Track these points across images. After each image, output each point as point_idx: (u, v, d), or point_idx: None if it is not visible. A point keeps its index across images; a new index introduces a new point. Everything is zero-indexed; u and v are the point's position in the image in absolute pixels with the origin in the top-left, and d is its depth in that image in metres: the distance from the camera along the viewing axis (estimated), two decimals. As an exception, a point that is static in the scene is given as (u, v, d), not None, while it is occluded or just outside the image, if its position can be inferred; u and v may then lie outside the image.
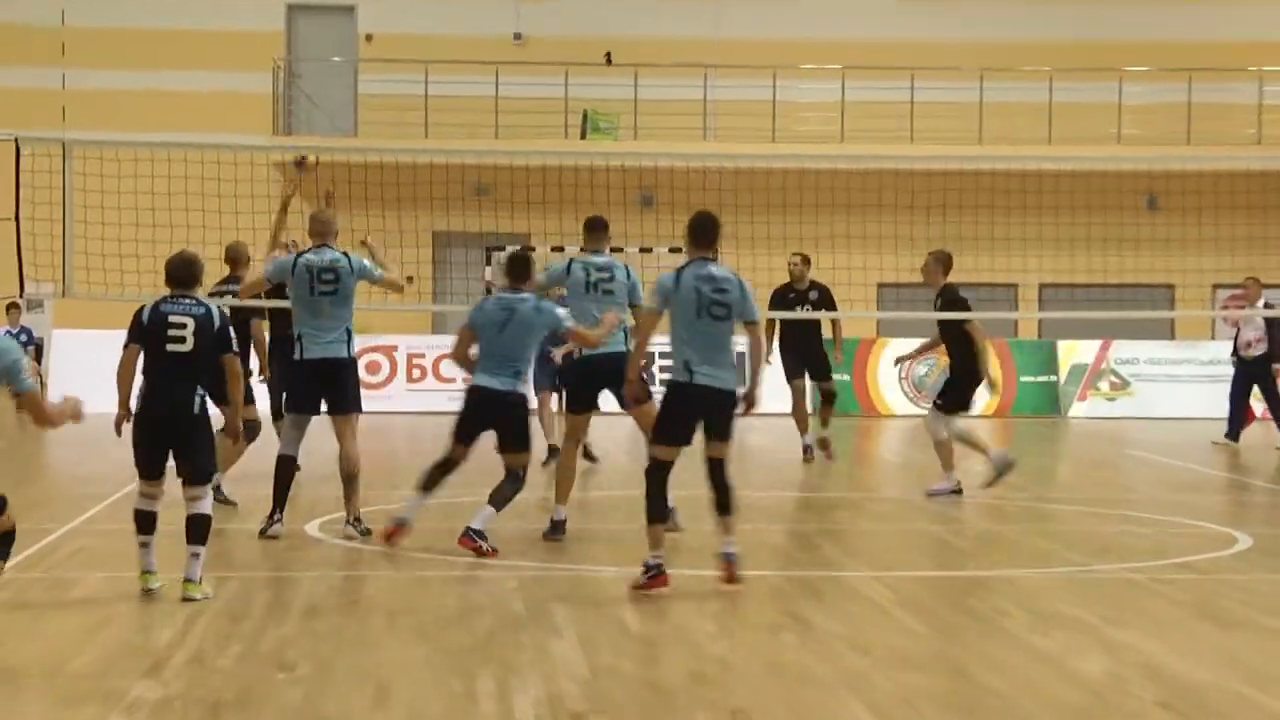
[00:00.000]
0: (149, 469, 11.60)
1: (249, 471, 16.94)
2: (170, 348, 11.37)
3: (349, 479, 14.59)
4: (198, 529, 11.35)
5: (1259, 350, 24.55)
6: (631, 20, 34.54)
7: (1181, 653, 10.35)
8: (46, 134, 18.53)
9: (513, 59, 34.15)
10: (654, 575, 11.98)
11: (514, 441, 14.17)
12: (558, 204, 31.29)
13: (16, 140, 16.43)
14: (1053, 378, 31.71)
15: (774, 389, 28.10)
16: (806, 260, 22.72)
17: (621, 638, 10.74)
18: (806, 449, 21.86)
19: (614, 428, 21.35)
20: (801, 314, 21.94)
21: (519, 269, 14.28)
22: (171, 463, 11.63)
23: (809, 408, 22.30)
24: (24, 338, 29.74)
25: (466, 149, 31.79)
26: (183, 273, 11.68)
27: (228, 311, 12.79)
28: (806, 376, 22.20)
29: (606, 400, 15.11)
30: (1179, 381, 28.49)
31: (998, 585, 13.21)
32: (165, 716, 8.58)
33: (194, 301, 11.55)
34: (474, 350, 14.03)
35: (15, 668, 9.65)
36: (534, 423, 15.11)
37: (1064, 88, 34.04)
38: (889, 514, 18.09)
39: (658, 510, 12.28)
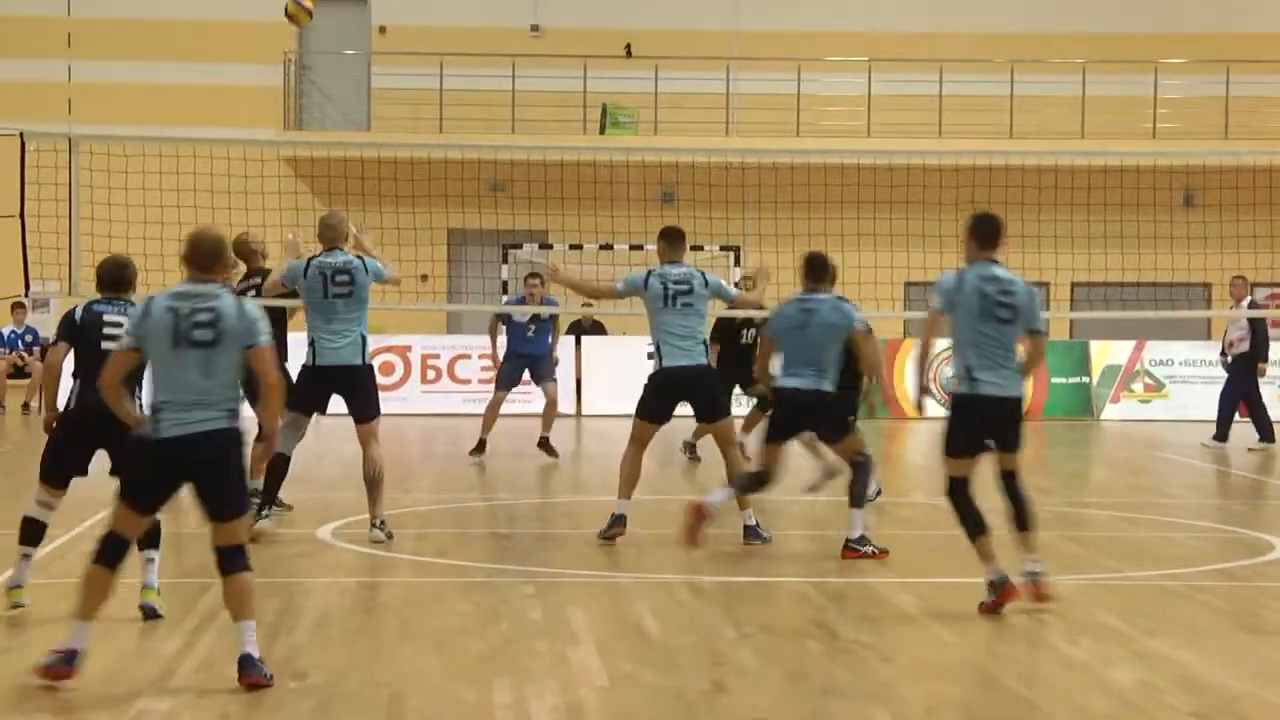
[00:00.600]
0: (59, 473, 11.41)
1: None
2: (105, 345, 11.06)
3: (373, 483, 14.58)
4: (149, 532, 10.92)
5: (1241, 349, 24.81)
6: (651, 11, 34.57)
7: (1217, 662, 10.35)
8: (52, 128, 18.60)
9: (530, 51, 34.18)
10: (1002, 589, 11.73)
11: (836, 435, 14.47)
12: (576, 201, 31.38)
13: (21, 134, 16.46)
14: (1085, 379, 31.67)
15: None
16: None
17: (641, 646, 10.74)
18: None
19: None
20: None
21: (819, 269, 14.23)
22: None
23: None
24: (29, 337, 29.81)
25: (482, 144, 31.75)
26: (114, 276, 11.56)
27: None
28: None
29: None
30: (1215, 383, 28.31)
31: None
32: (174, 729, 8.65)
33: (128, 303, 11.29)
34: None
35: (20, 677, 9.67)
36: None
37: (1097, 81, 34.01)
38: (917, 519, 18.11)
39: (974, 526, 12.10)
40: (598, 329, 31.25)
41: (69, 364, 11.73)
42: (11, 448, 24.24)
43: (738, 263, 33.63)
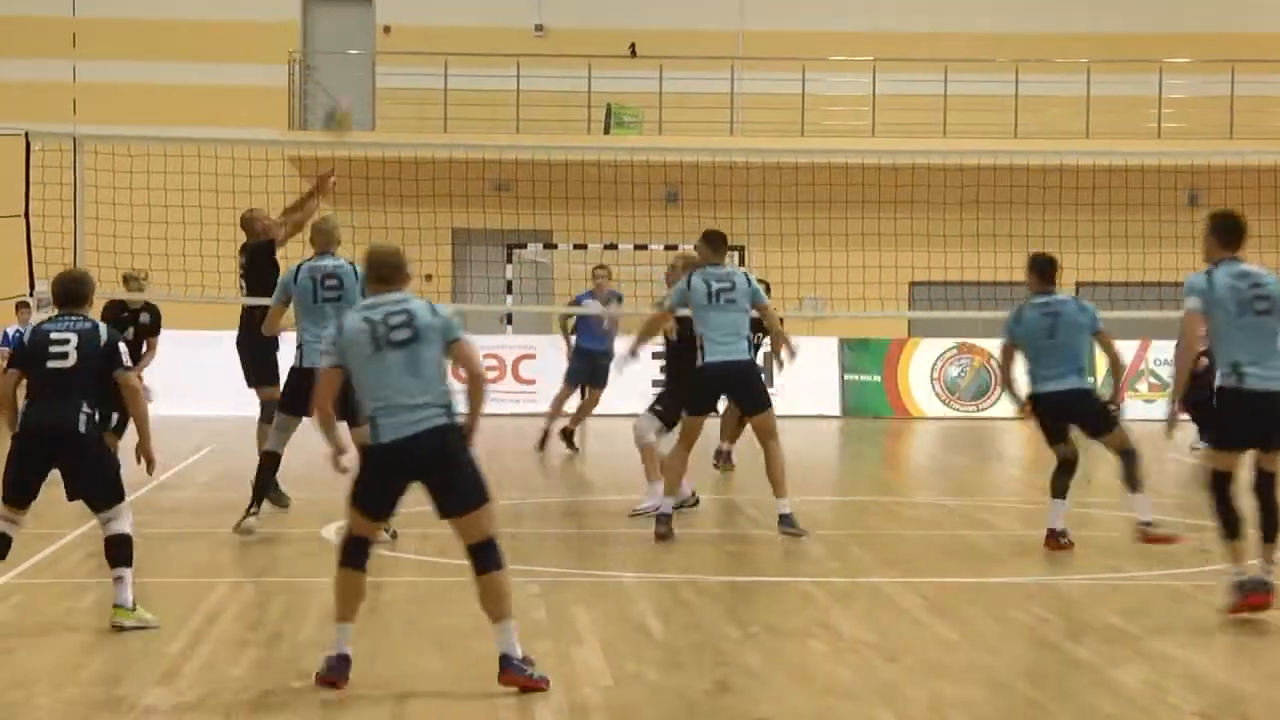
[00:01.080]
0: (15, 495, 11.09)
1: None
2: (51, 364, 10.92)
3: None
4: (119, 550, 10.84)
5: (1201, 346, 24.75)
6: (656, 11, 34.60)
7: (1224, 663, 10.38)
8: (57, 128, 18.63)
9: (534, 51, 34.21)
10: (1251, 592, 11.39)
11: (1105, 427, 14.58)
12: (580, 200, 31.42)
13: (27, 134, 16.48)
14: (1090, 379, 31.66)
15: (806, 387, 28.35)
16: None
17: (645, 645, 10.77)
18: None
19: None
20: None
21: (1050, 271, 14.33)
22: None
23: None
24: (34, 337, 29.83)
25: (487, 144, 31.81)
26: (69, 291, 11.36)
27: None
28: None
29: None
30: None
31: (1034, 592, 13.21)
32: (180, 722, 8.67)
33: (80, 318, 11.15)
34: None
35: (26, 676, 9.70)
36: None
37: (1101, 80, 34.02)
38: (922, 518, 18.01)
39: (1229, 525, 11.71)
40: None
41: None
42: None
43: (742, 262, 33.68)
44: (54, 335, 10.93)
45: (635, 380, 28.35)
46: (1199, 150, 32.79)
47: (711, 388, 14.87)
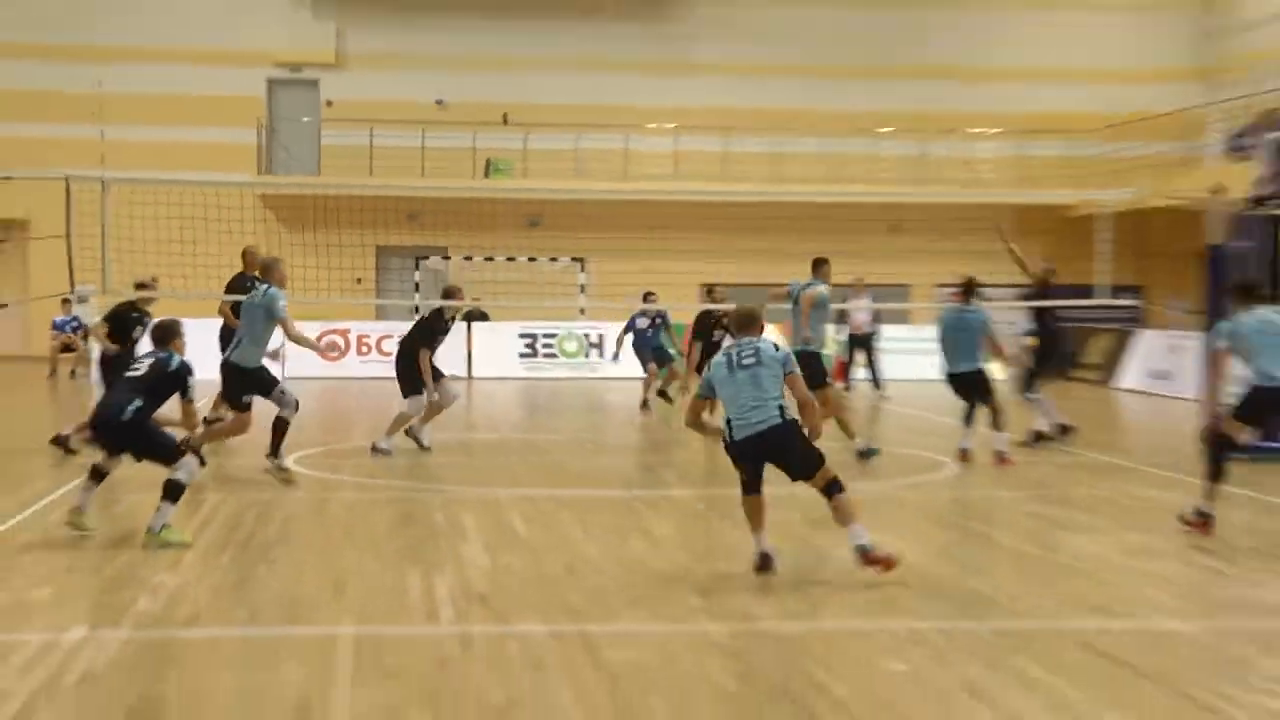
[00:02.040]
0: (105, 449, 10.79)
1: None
2: (127, 373, 10.91)
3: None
4: (170, 488, 10.33)
5: (869, 329, 25.74)
6: (523, 90, 34.48)
7: (912, 546, 10.63)
8: (89, 173, 18.34)
9: (435, 119, 34.05)
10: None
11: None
12: (469, 226, 31.47)
13: (67, 179, 16.32)
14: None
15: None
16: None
17: (514, 542, 10.78)
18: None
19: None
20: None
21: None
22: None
23: None
24: (74, 323, 29.44)
25: (401, 185, 31.65)
26: (165, 334, 11.10)
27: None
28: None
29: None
30: (915, 355, 28.64)
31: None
32: (181, 598, 8.66)
33: (165, 352, 10.88)
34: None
35: (71, 564, 9.71)
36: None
37: (831, 142, 34.30)
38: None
39: (1215, 471, 10.99)
40: (483, 317, 31.20)
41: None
42: (63, 404, 23.94)
43: (583, 270, 33.87)
44: (141, 360, 10.95)
45: (504, 352, 28.17)
46: (900, 191, 33.26)
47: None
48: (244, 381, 13.89)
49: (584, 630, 7.91)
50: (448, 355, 27.28)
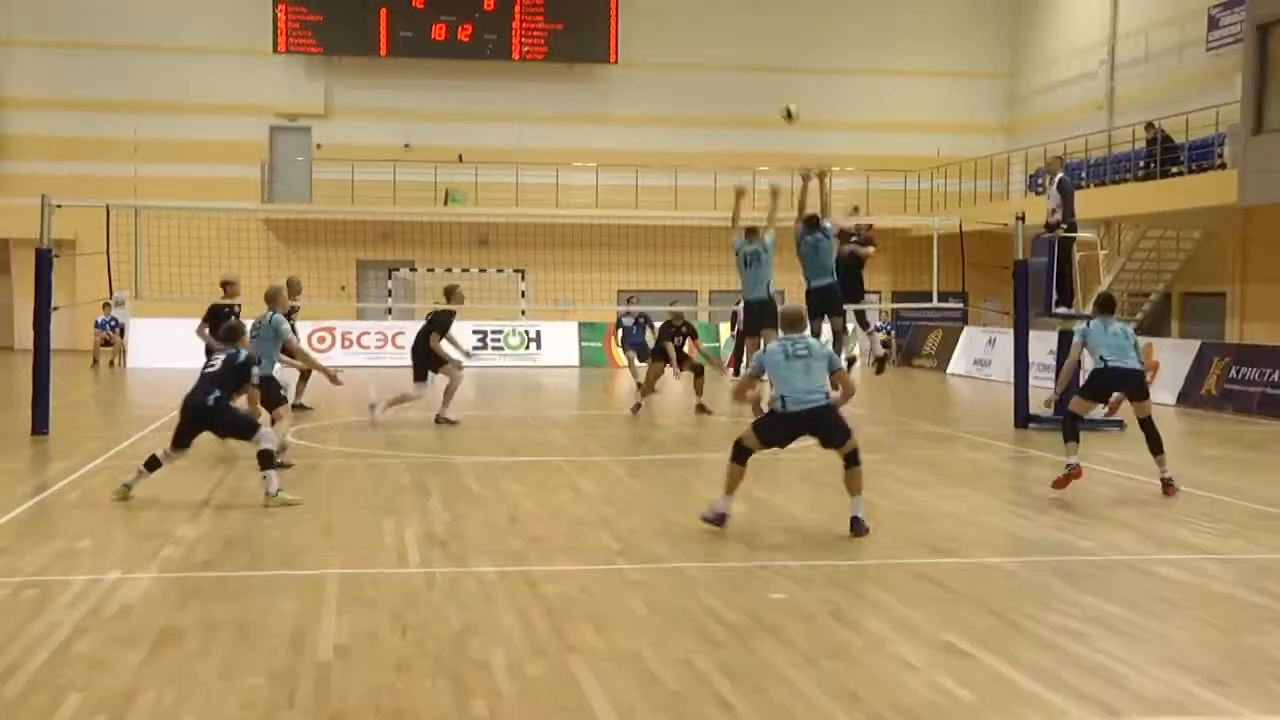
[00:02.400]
0: (180, 442, 10.43)
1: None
2: (206, 369, 10.63)
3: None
4: (264, 460, 10.24)
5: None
6: (474, 136, 34.25)
7: (788, 499, 10.70)
8: (125, 202, 18.08)
9: (404, 158, 33.82)
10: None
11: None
12: (432, 243, 31.38)
13: (107, 207, 16.02)
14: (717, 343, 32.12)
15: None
16: None
17: (468, 498, 10.72)
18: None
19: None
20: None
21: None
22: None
23: None
24: (113, 322, 28.99)
25: (377, 211, 31.52)
26: (229, 334, 10.95)
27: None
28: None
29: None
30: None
31: (682, 462, 13.39)
32: (198, 546, 8.55)
33: (234, 348, 10.65)
34: None
35: (109, 518, 9.58)
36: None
37: (719, 177, 34.35)
38: (622, 420, 17.84)
39: (1071, 433, 11.09)
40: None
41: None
42: (103, 389, 23.56)
43: (523, 279, 33.74)
44: (214, 356, 10.74)
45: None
46: (775, 216, 33.35)
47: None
48: (271, 386, 12.81)
49: (525, 570, 7.89)
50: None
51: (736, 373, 19.03)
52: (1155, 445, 11.13)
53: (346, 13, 33.63)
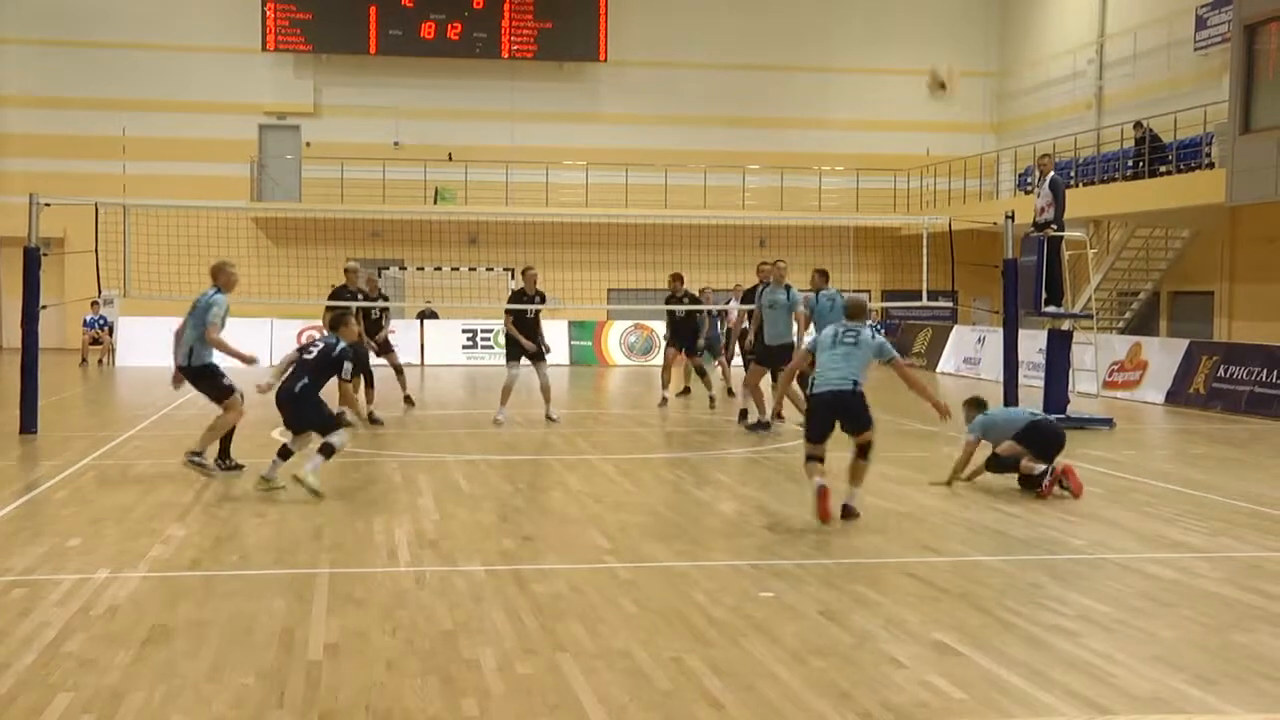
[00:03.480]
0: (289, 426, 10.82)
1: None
2: (305, 356, 10.72)
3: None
4: (324, 449, 10.48)
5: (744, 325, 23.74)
6: (464, 134, 34.36)
7: (775, 499, 10.69)
8: (113, 200, 18.01)
9: (393, 156, 33.85)
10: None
11: None
12: (421, 242, 31.30)
13: (96, 204, 16.00)
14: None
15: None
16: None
17: (458, 496, 10.71)
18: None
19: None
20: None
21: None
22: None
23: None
24: (101, 321, 28.91)
25: (366, 209, 31.47)
26: (334, 321, 10.88)
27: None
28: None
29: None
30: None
31: (677, 461, 13.40)
32: (186, 546, 8.52)
33: (333, 337, 10.76)
34: None
35: (99, 515, 9.54)
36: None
37: (709, 176, 34.52)
38: (615, 420, 17.92)
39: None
40: (433, 315, 31.03)
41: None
42: (88, 389, 23.47)
43: (513, 278, 33.71)
44: (316, 341, 10.71)
45: (452, 345, 27.83)
46: (765, 215, 33.47)
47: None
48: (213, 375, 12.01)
49: (515, 569, 7.87)
50: (406, 345, 27.19)
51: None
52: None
53: (336, 11, 33.61)
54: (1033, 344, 20.31)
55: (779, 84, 35.86)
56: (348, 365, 10.71)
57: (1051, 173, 17.04)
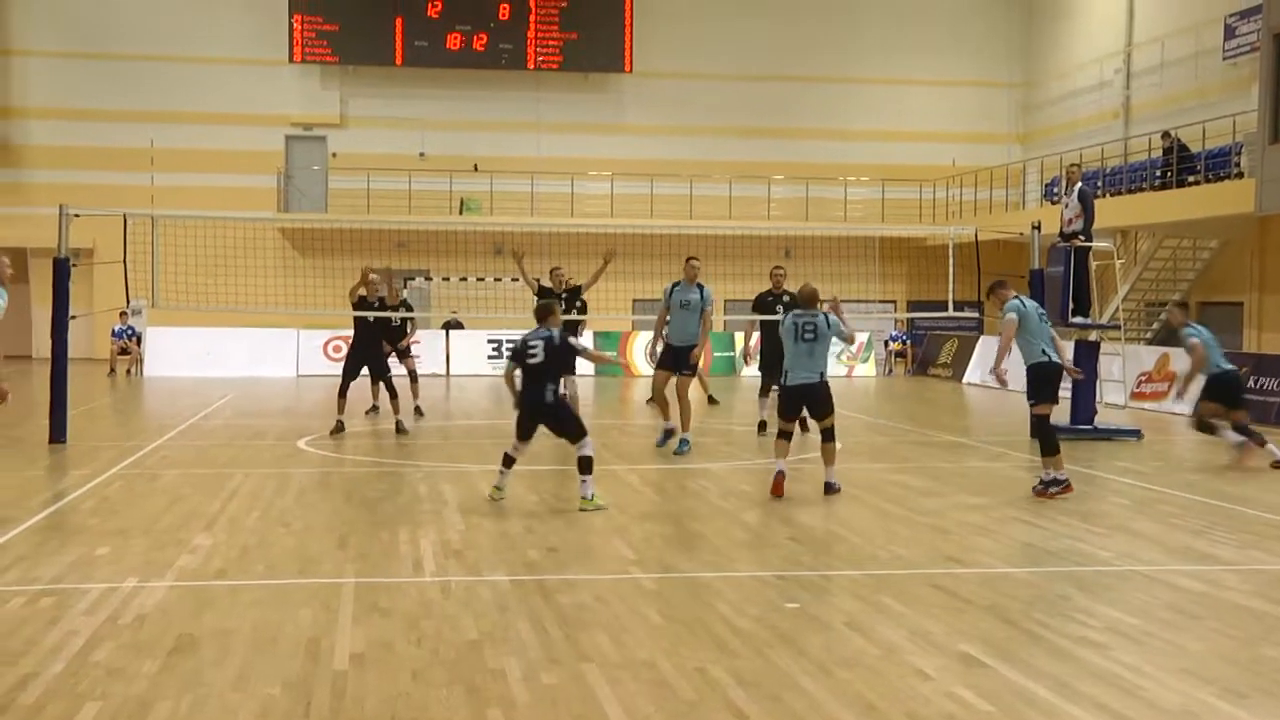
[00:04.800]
0: (523, 436, 10.70)
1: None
2: (529, 360, 10.42)
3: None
4: (584, 464, 10.41)
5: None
6: (490, 145, 34.41)
7: (803, 509, 10.66)
8: (141, 211, 18.17)
9: (419, 168, 33.93)
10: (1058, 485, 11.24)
11: None
12: (447, 252, 31.41)
13: (124, 215, 16.12)
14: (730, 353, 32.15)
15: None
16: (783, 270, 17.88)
17: (483, 506, 10.71)
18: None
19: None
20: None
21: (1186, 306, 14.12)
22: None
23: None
24: (129, 331, 29.09)
25: (392, 220, 31.56)
26: (539, 312, 10.78)
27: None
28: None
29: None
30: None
31: (695, 472, 13.37)
32: (213, 555, 8.56)
33: (545, 330, 10.53)
34: None
35: (126, 526, 9.59)
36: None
37: (734, 187, 34.51)
38: (639, 430, 17.81)
39: (1051, 446, 11.31)
40: (459, 325, 31.08)
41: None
42: (116, 399, 23.59)
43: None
44: (530, 342, 10.46)
45: (477, 356, 27.82)
46: (790, 225, 33.44)
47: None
48: None
49: (540, 579, 7.88)
50: (431, 355, 27.29)
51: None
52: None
53: (362, 23, 33.77)
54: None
55: (804, 94, 35.84)
56: (574, 344, 10.92)
57: (1080, 183, 16.91)
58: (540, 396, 10.42)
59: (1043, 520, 10.22)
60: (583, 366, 30.58)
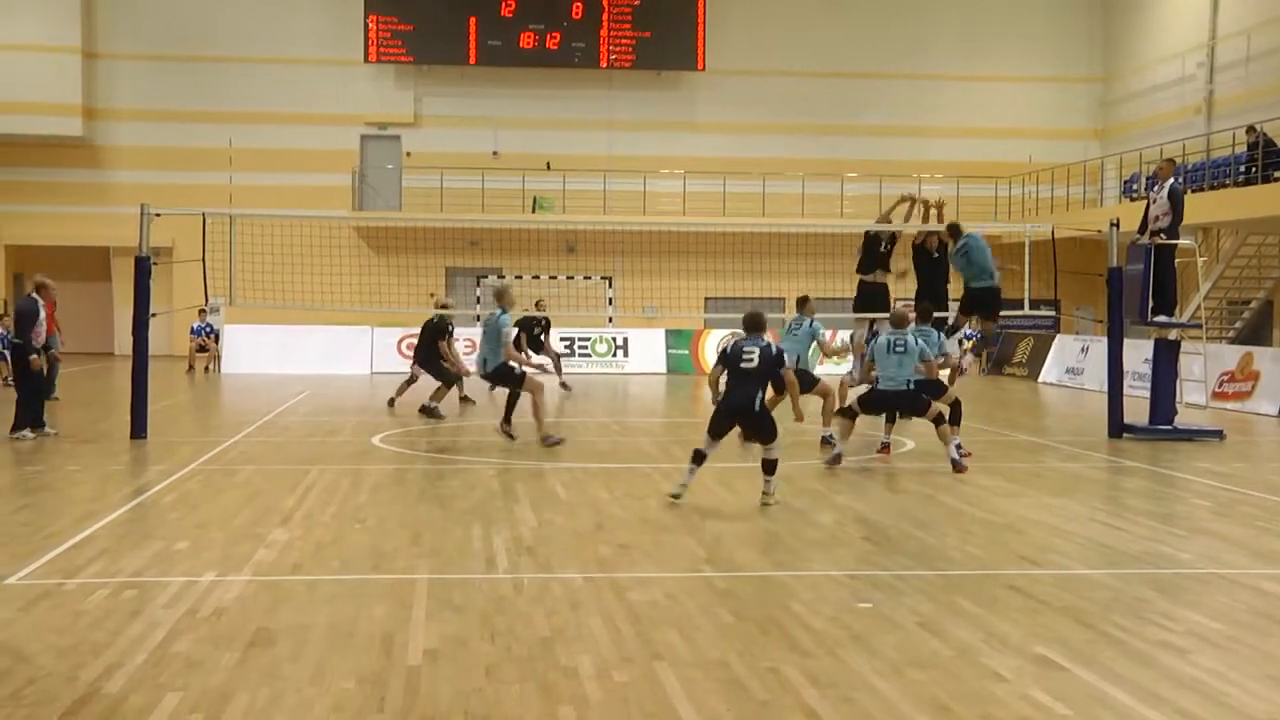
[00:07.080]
0: (716, 434, 10.75)
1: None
2: (743, 365, 10.64)
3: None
4: (769, 466, 10.64)
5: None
6: (563, 143, 34.55)
7: (876, 508, 10.58)
8: (220, 211, 18.37)
9: (492, 166, 34.11)
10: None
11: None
12: (520, 250, 31.56)
13: (203, 214, 16.34)
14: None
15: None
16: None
17: (555, 503, 10.75)
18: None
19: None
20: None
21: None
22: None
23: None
24: (208, 329, 29.50)
25: (466, 218, 31.72)
26: (750, 321, 10.91)
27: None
28: None
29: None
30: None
31: (752, 473, 13.30)
32: (289, 550, 8.64)
33: (759, 339, 10.78)
34: None
35: (205, 520, 9.72)
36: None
37: (807, 184, 34.33)
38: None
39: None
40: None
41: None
42: (198, 394, 23.92)
43: (610, 285, 33.83)
44: (745, 348, 10.71)
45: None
46: (862, 224, 33.06)
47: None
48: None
49: (612, 577, 7.88)
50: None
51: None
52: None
53: (436, 22, 34.01)
54: (1138, 354, 19.89)
55: (877, 92, 35.60)
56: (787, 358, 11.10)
57: (1171, 179, 16.38)
58: (749, 400, 10.63)
59: (1121, 522, 10.07)
60: (659, 364, 30.67)
